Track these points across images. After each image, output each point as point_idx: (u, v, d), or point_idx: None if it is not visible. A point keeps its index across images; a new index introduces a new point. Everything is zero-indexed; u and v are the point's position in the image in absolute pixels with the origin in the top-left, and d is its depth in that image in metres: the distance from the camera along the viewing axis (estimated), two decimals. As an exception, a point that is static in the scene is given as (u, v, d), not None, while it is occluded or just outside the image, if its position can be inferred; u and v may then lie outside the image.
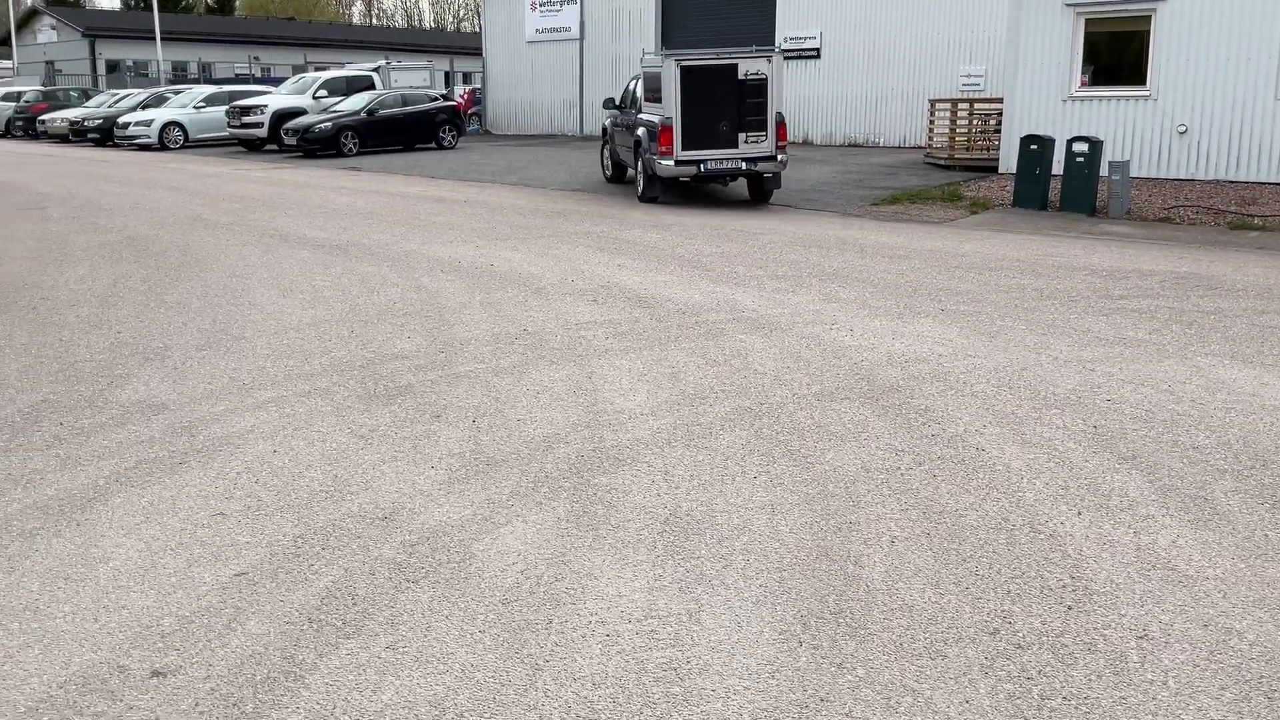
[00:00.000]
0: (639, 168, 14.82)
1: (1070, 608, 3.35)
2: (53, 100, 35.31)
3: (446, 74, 39.80)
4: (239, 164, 22.15)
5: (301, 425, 5.16)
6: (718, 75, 13.75)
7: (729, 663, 3.03)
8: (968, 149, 18.18)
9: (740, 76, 13.78)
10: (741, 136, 13.80)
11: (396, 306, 7.85)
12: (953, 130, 18.41)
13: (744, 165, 13.93)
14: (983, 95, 20.84)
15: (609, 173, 17.53)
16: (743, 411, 5.33)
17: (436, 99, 27.39)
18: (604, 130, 17.82)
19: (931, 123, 19.47)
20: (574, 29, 31.42)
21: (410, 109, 25.54)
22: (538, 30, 32.33)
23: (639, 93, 15.27)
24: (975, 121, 18.45)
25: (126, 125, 27.33)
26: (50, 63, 50.68)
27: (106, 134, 28.42)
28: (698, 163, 13.74)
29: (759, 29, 27.34)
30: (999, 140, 16.96)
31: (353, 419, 5.27)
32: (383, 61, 32.34)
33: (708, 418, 5.24)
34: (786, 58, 26.59)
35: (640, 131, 14.53)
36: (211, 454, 4.74)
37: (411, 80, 30.48)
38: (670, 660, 3.04)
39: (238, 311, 7.68)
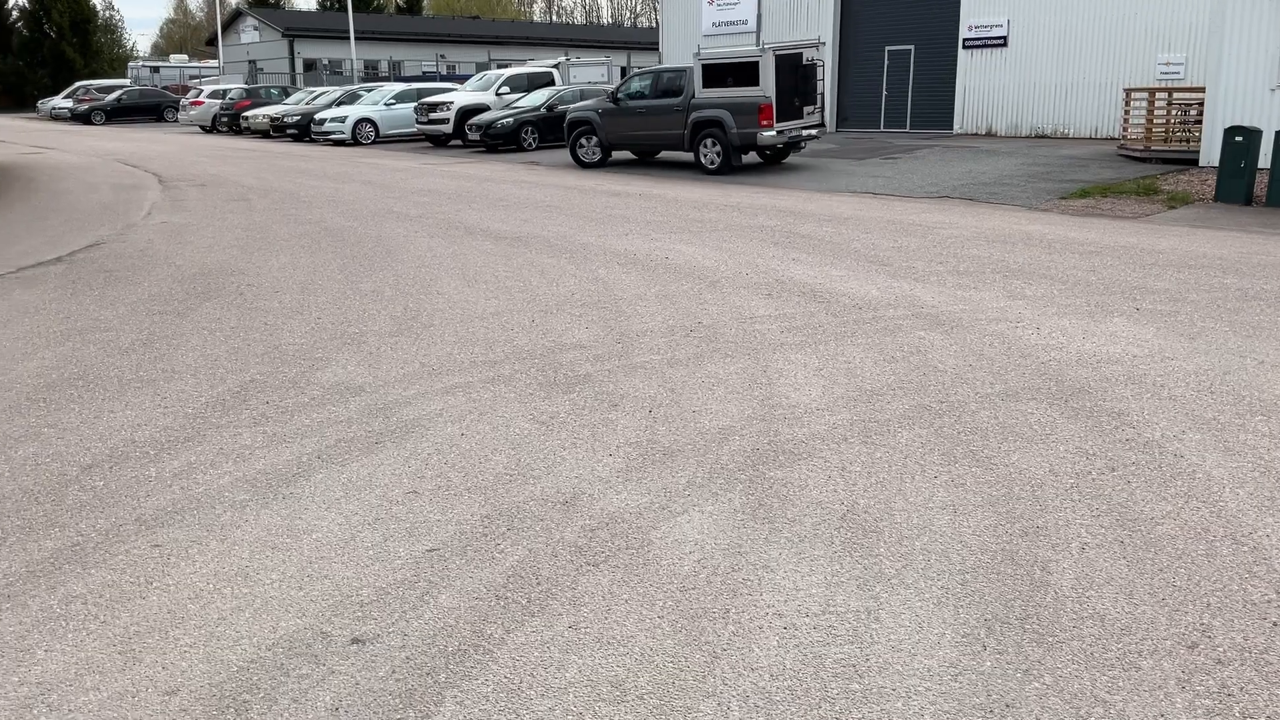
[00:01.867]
0: (702, 147, 18.07)
1: (1276, 624, 3.17)
2: (255, 98, 37.49)
3: (623, 69, 40.31)
4: (426, 159, 23.03)
5: (486, 410, 5.35)
6: (789, 62, 17.39)
7: (909, 663, 2.99)
8: (1165, 140, 17.23)
9: (804, 62, 17.63)
10: (806, 109, 17.84)
11: (575, 297, 8.03)
12: (1149, 121, 17.48)
13: (804, 133, 17.97)
14: (1182, 84, 19.73)
15: (594, 158, 20.03)
16: (922, 409, 5.24)
17: (615, 93, 27.76)
18: (579, 123, 20.27)
19: (1126, 113, 18.55)
20: (750, 21, 31.32)
21: (590, 104, 25.96)
22: (714, 24, 32.37)
23: (693, 81, 18.01)
24: (1174, 112, 17.47)
25: (322, 122, 28.77)
26: (252, 62, 53.86)
27: (304, 130, 30.01)
28: (784, 131, 17.52)
29: (942, 17, 26.63)
30: (1199, 131, 16.01)
31: (534, 406, 5.42)
32: (562, 58, 33.02)
33: (885, 415, 5.16)
34: (967, 47, 25.87)
35: (713, 113, 17.70)
36: (404, 435, 4.98)
37: (590, 76, 30.99)
38: (849, 657, 3.02)
39: (426, 300, 8.01)
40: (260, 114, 33.08)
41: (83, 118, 44.70)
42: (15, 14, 62.82)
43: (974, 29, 25.55)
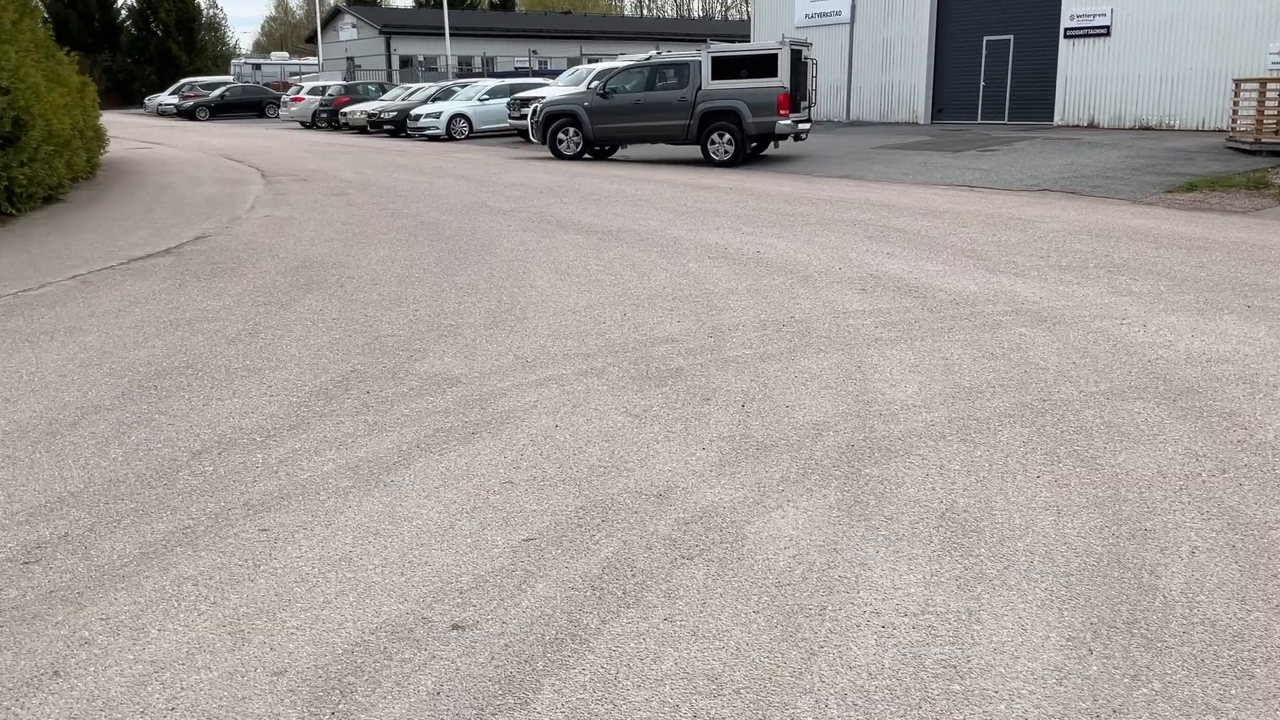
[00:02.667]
0: (712, 138, 18.85)
1: (1405, 639, 3.03)
2: (353, 94, 38.29)
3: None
4: (517, 153, 23.27)
5: (580, 403, 5.39)
6: (796, 57, 18.62)
7: (1012, 665, 2.94)
8: (1276, 133, 16.57)
9: (803, 60, 18.98)
10: (803, 104, 19.18)
11: (666, 291, 8.03)
12: (1260, 112, 16.82)
13: (800, 125, 18.99)
14: (1298, 73, 18.94)
15: (575, 150, 20.57)
16: (1023, 407, 5.13)
17: (704, 87, 27.67)
18: (560, 115, 20.61)
19: (1235, 104, 17.88)
20: (844, 12, 30.95)
21: (678, 97, 25.92)
22: (807, 15, 32.06)
23: (702, 74, 18.72)
24: (1288, 101, 16.80)
25: (418, 117, 29.27)
26: (350, 58, 54.99)
27: (400, 125, 30.56)
28: (794, 121, 18.60)
29: (1043, 7, 26.00)
30: (1317, 122, 15.37)
31: (627, 399, 5.45)
32: (653, 51, 33.03)
33: (985, 412, 5.07)
34: (1069, 36, 25.19)
35: (727, 103, 18.56)
36: (500, 426, 5.04)
37: (681, 69, 30.90)
38: (950, 657, 2.98)
39: (520, 293, 8.09)
40: (358, 110, 33.78)
41: (188, 114, 46.16)
42: (124, 13, 65.11)
43: (1076, 18, 24.89)
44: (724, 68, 18.68)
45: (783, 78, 18.19)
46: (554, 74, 36.34)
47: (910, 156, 19.22)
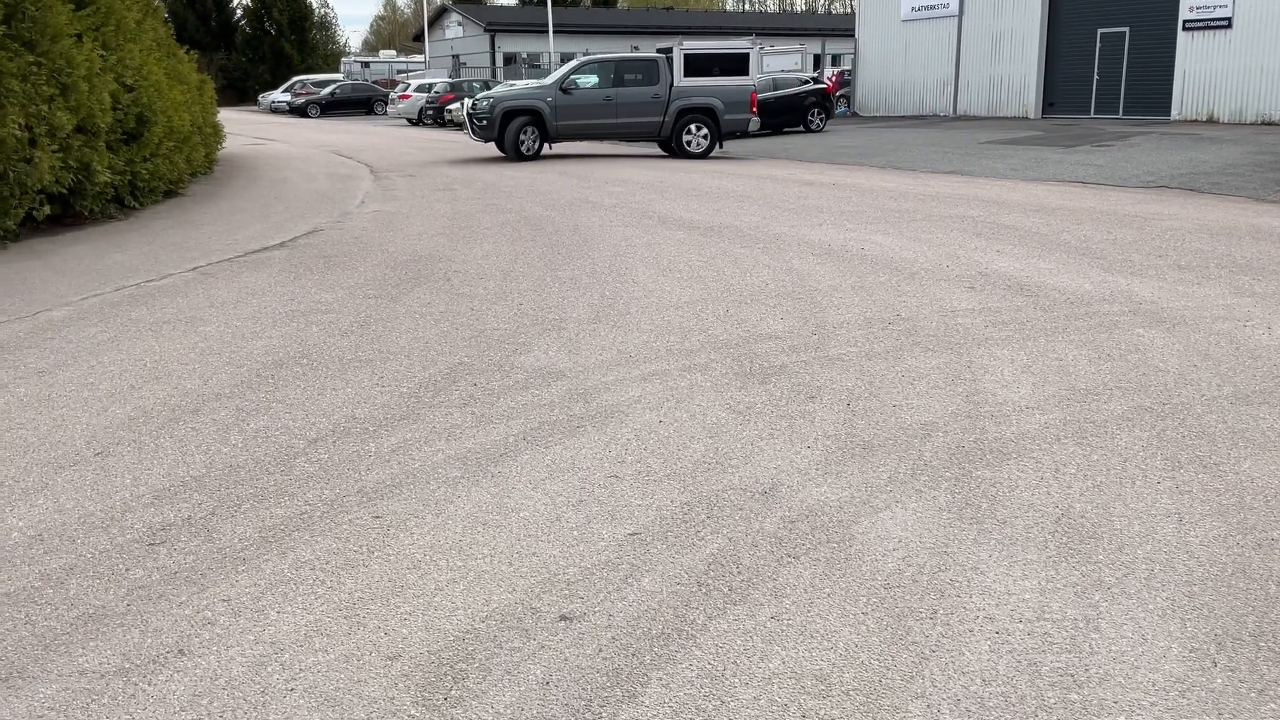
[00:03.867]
0: (687, 132, 19.90)
1: None
2: (458, 91, 38.90)
3: (816, 57, 39.83)
4: (616, 149, 23.36)
5: (683, 398, 5.39)
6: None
7: (1132, 676, 2.85)
8: None
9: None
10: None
11: (768, 288, 7.99)
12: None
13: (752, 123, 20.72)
14: None
15: (534, 150, 20.30)
16: (1142, 411, 4.96)
17: (806, 82, 27.48)
18: (520, 111, 20.06)
19: (1371, 95, 17.04)
20: (952, 5, 30.35)
21: (779, 93, 25.82)
22: (913, 8, 31.54)
23: (673, 72, 19.61)
24: None
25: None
26: (456, 56, 55.91)
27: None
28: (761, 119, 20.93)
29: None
30: None
31: (730, 395, 5.43)
32: (755, 47, 32.83)
33: (1101, 415, 4.92)
34: (1188, 28, 24.29)
35: (703, 100, 19.72)
36: (604, 420, 5.07)
37: (783, 64, 30.73)
38: (1067, 666, 2.90)
39: (622, 289, 8.13)
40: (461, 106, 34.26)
41: (299, 111, 47.48)
42: (239, 13, 67.27)
43: (1195, 10, 24.03)
44: (696, 66, 19.57)
45: (753, 77, 20.03)
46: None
47: (1020, 152, 18.76)
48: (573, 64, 21.07)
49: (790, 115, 25.78)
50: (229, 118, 27.12)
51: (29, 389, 5.85)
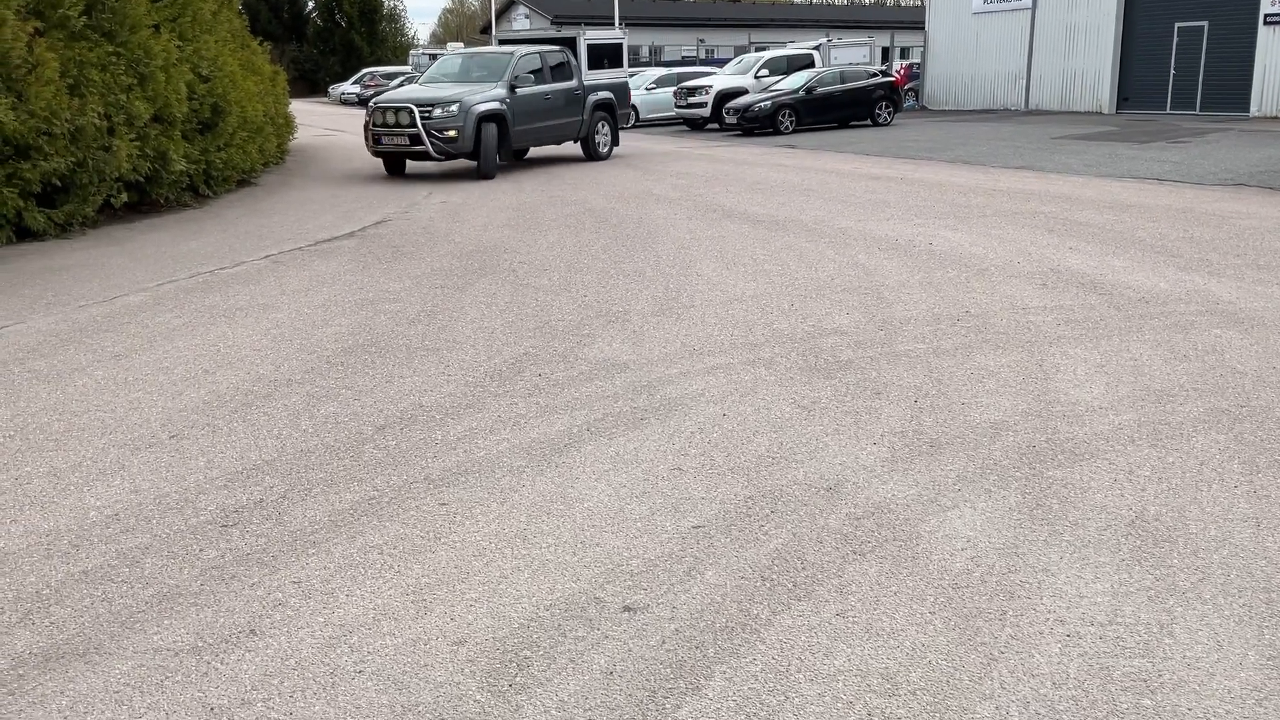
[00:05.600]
0: (598, 131, 18.43)
1: None
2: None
3: (885, 49, 39.40)
4: (683, 142, 23.34)
5: (747, 392, 5.37)
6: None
7: (1208, 682, 2.78)
8: None
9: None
10: None
11: (834, 282, 7.92)
12: None
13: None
14: None
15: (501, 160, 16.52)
16: (1219, 413, 4.84)
17: (874, 75, 27.18)
18: (487, 118, 15.93)
19: None
20: (1025, -2, 29.83)
21: (847, 86, 25.57)
22: (985, 1, 31.04)
23: (581, 64, 18.05)
24: None
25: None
26: (523, 49, 55.99)
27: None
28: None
29: (1242, -10, 24.49)
30: None
31: (794, 390, 5.39)
32: (823, 39, 32.57)
33: (1177, 417, 4.81)
34: (1269, 23, 23.60)
35: (606, 96, 18.41)
36: (668, 412, 5.07)
37: (851, 57, 30.47)
38: (1140, 671, 2.84)
39: (686, 282, 8.12)
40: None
41: (368, 102, 48.04)
42: (310, 5, 68.25)
43: (1277, 3, 23.34)
44: (595, 57, 18.31)
45: (625, 68, 19.26)
46: (720, 62, 36.27)
47: (1094, 147, 18.38)
48: (518, 55, 16.96)
49: (857, 109, 25.51)
50: (300, 109, 27.53)
51: (106, 372, 6.00)
